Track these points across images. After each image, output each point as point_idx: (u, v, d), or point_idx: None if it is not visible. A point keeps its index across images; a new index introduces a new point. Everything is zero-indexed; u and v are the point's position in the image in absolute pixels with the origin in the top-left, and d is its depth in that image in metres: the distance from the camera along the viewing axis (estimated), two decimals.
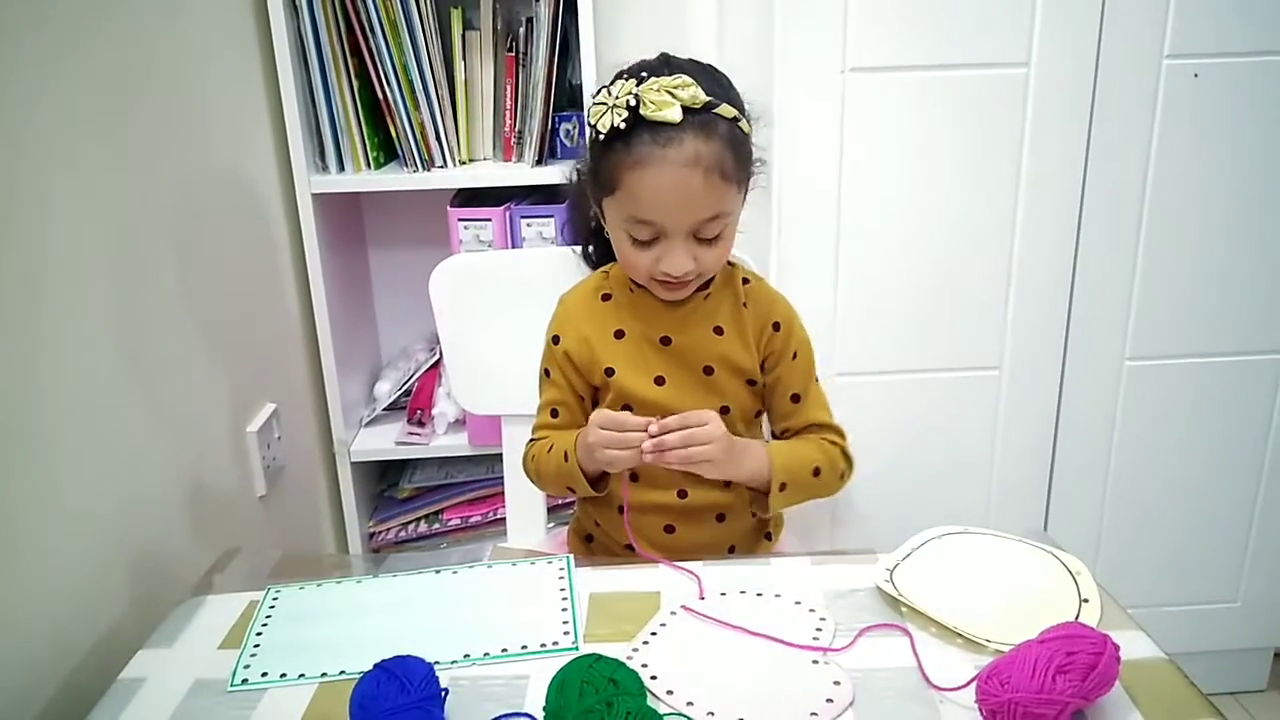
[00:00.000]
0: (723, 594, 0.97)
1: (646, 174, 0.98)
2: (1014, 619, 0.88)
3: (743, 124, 1.02)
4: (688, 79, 0.97)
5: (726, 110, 0.99)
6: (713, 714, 0.81)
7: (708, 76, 1.01)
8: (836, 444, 1.14)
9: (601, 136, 1.00)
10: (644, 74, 0.98)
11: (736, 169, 1.01)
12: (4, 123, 0.95)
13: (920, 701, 0.82)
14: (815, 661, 0.88)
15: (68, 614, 1.01)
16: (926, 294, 1.54)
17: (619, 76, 1.01)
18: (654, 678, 0.85)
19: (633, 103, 0.97)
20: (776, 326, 1.13)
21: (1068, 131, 1.47)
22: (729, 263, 1.13)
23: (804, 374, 1.15)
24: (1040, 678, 0.76)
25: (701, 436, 1.01)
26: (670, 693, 0.84)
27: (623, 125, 0.97)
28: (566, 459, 1.09)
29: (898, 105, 1.45)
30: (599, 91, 1.02)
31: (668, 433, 1.00)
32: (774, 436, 1.18)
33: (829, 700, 0.82)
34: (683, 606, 0.96)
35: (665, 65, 1.01)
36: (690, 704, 0.82)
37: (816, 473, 1.10)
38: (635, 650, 0.89)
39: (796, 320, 1.15)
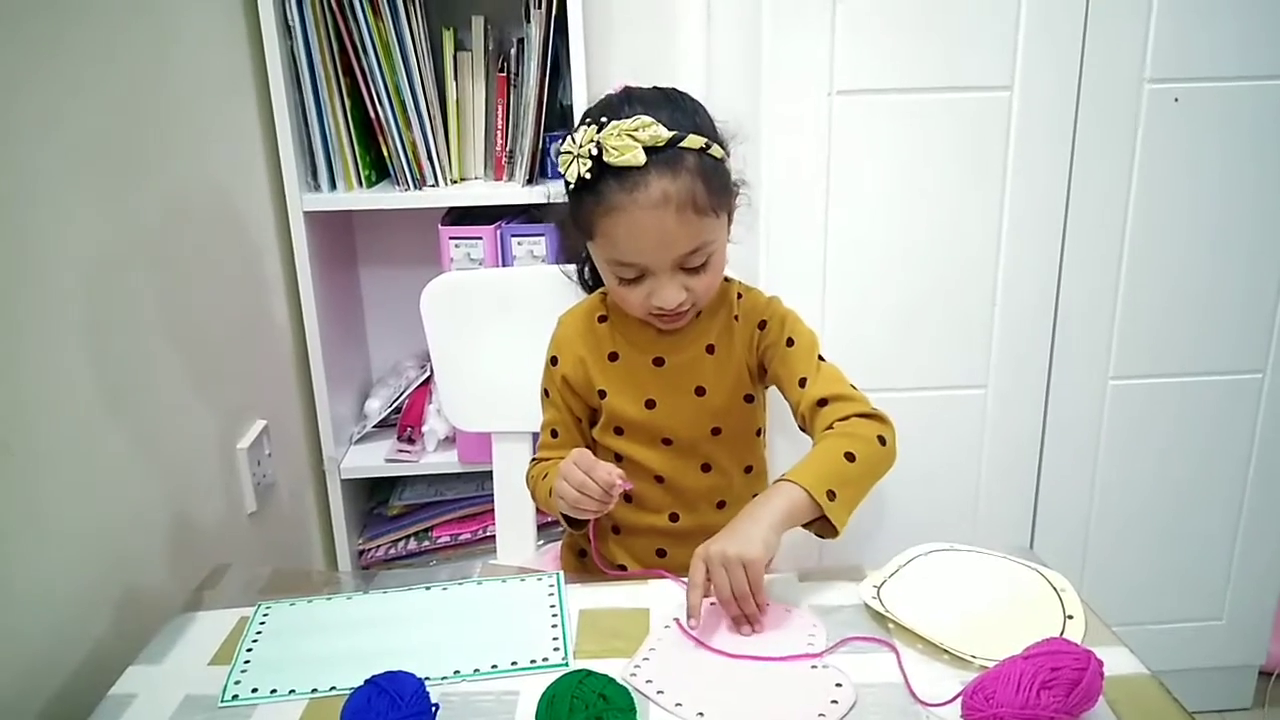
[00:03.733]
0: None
1: (618, 220, 0.98)
2: (999, 635, 0.89)
3: (713, 150, 1.01)
4: (646, 119, 0.96)
5: (693, 141, 0.98)
6: None
7: (670, 108, 1.00)
8: (852, 414, 1.04)
9: (571, 186, 1.01)
10: (604, 118, 0.98)
11: (711, 198, 0.99)
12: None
13: (907, 717, 0.83)
14: (814, 666, 0.89)
15: (57, 630, 1.01)
16: (912, 314, 1.55)
17: (583, 120, 1.01)
18: (660, 692, 0.86)
19: (595, 151, 0.96)
20: (763, 325, 1.12)
21: (1051, 153, 1.49)
22: (725, 279, 1.13)
23: (806, 357, 1.09)
24: (1025, 693, 0.77)
25: (719, 580, 0.94)
26: (679, 705, 0.85)
27: (588, 175, 0.97)
28: (551, 494, 1.08)
29: (883, 127, 1.46)
30: (564, 139, 1.01)
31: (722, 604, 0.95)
32: (805, 430, 1.11)
33: (834, 702, 0.84)
34: (675, 620, 0.96)
35: (626, 104, 1.00)
36: (701, 714, 0.83)
37: (851, 458, 0.99)
38: (638, 667, 0.90)
39: (789, 314, 1.12)
